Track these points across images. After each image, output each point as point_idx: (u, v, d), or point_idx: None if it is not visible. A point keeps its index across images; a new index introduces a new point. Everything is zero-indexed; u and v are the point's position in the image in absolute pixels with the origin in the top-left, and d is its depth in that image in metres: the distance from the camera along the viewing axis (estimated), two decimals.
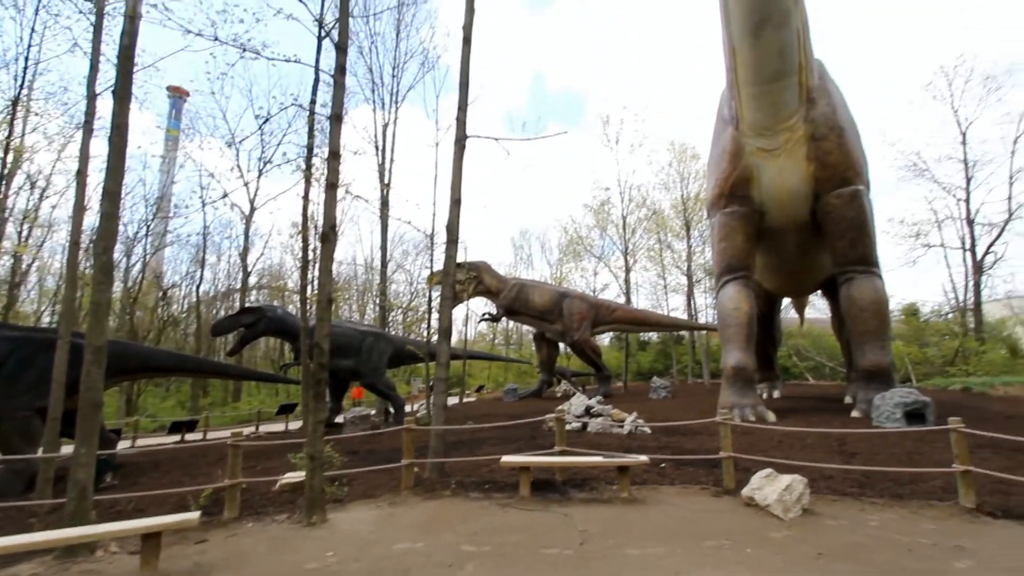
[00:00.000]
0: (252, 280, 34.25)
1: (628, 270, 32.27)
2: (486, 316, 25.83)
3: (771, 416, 10.72)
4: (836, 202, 11.49)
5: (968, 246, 26.40)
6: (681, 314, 34.55)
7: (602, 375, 22.39)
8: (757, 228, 12.51)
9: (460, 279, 19.31)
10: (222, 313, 36.29)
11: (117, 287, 26.25)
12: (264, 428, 17.93)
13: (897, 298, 32.14)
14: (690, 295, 32.90)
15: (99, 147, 32.09)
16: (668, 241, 34.27)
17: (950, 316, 29.43)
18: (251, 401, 29.56)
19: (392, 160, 22.06)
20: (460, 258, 20.04)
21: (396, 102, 23.02)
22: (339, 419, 15.27)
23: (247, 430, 16.75)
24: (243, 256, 30.75)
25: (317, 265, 7.32)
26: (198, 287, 33.23)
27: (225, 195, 23.24)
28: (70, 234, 7.53)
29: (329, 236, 5.87)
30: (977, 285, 26.11)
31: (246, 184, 27.28)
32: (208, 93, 23.88)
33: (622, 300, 31.06)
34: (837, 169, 11.46)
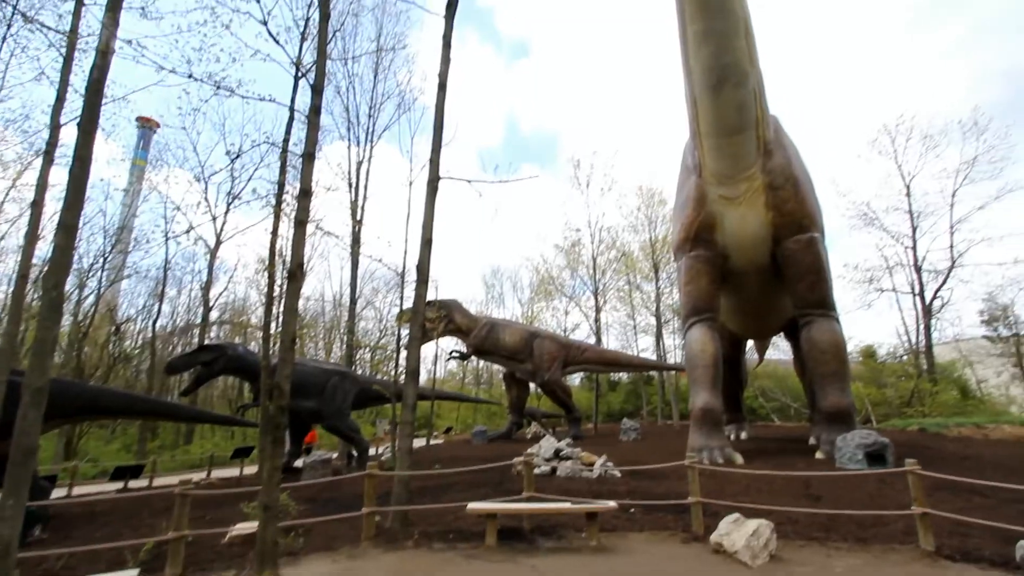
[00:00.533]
0: (213, 315, 33.05)
1: (599, 310, 32.68)
2: (455, 353, 25.50)
3: (739, 458, 10.78)
4: (794, 248, 12.06)
5: (917, 291, 27.94)
6: (650, 354, 34.98)
7: (572, 416, 22.20)
8: (721, 271, 12.96)
9: (430, 317, 19.12)
10: (179, 350, 34.69)
11: (66, 321, 24.88)
12: (217, 474, 16.88)
13: (855, 340, 33.46)
14: (659, 336, 33.43)
15: (58, 176, 31.07)
16: (637, 282, 35.07)
17: (904, 358, 30.72)
18: (204, 444, 27.93)
19: (365, 197, 22.13)
20: (431, 296, 19.87)
21: (371, 140, 23.32)
22: (298, 463, 14.55)
23: (198, 476, 15.73)
24: (205, 290, 29.77)
25: (283, 302, 7.14)
26: (155, 322, 31.77)
27: (190, 229, 22.68)
28: (19, 266, 7.17)
29: (296, 274, 5.76)
30: (928, 328, 27.48)
31: (213, 219, 26.75)
32: (179, 128, 23.51)
33: (593, 340, 31.27)
34: (794, 217, 12.09)
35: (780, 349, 31.03)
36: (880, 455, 9.68)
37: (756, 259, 12.76)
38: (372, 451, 19.54)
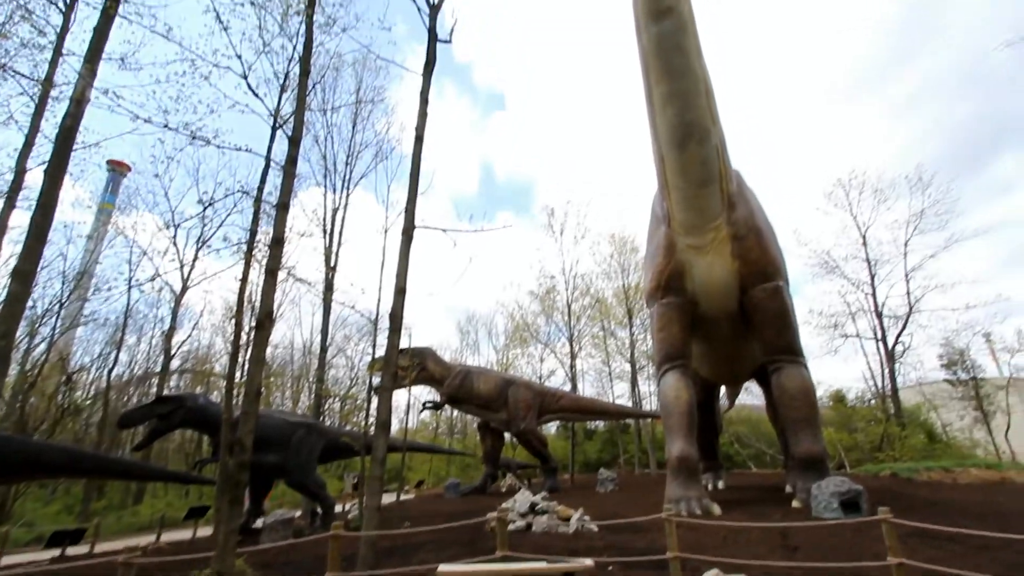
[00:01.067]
0: (175, 363, 31.64)
1: (574, 356, 32.65)
2: (428, 404, 24.87)
3: (716, 509, 10.62)
4: (760, 296, 12.46)
5: (879, 336, 28.93)
6: (626, 401, 34.84)
7: (548, 467, 21.64)
8: (692, 318, 13.23)
9: (403, 365, 18.75)
10: (135, 401, 32.86)
11: (13, 370, 23.40)
12: (168, 537, 15.63)
13: (824, 385, 34.14)
14: (634, 382, 33.44)
15: (20, 218, 30.05)
16: (612, 329, 35.36)
17: (872, 402, 31.41)
18: (155, 504, 25.99)
19: (340, 243, 22.07)
20: (404, 343, 19.54)
21: (348, 188, 23.53)
22: (258, 523, 13.64)
23: (146, 540, 14.54)
24: (167, 337, 28.61)
25: (249, 351, 6.91)
26: (110, 371, 30.16)
27: (155, 276, 22.04)
28: None
29: (264, 324, 5.63)
30: (892, 373, 28.30)
31: (181, 266, 26.13)
32: (152, 175, 23.28)
33: (568, 387, 31.03)
34: (758, 266, 12.57)
35: (753, 394, 31.41)
36: (854, 503, 9.69)
37: (725, 306, 13.10)
38: (338, 508, 18.50)
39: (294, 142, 6.13)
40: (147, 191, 40.59)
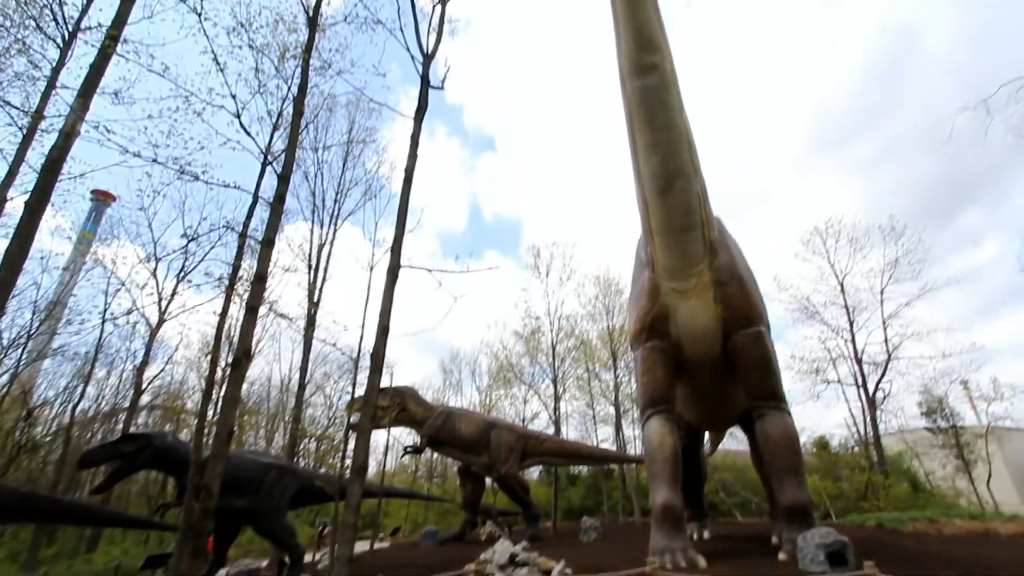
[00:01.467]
0: (145, 399, 30.43)
1: (558, 399, 32.26)
2: (408, 449, 24.10)
3: (701, 561, 10.30)
4: (743, 341, 12.57)
5: (860, 383, 29.21)
6: (610, 444, 34.24)
7: (530, 514, 20.94)
8: (676, 362, 13.24)
9: (383, 405, 18.31)
10: (99, 438, 31.36)
11: None
12: None
13: (808, 431, 34.08)
14: (618, 426, 33.02)
15: None
16: (596, 371, 35.17)
17: (855, 449, 31.34)
18: (111, 551, 24.38)
19: (324, 279, 21.95)
20: (385, 382, 19.22)
21: (335, 224, 23.64)
22: (221, 573, 12.82)
23: None
24: (139, 371, 27.63)
25: (223, 389, 6.69)
26: (75, 406, 28.84)
27: (132, 310, 21.52)
28: None
29: (241, 362, 5.48)
30: (874, 420, 28.42)
31: (160, 299, 25.60)
32: (137, 209, 23.10)
33: (552, 430, 30.49)
34: (741, 311, 12.74)
35: (737, 439, 31.16)
36: (841, 555, 9.49)
37: (708, 350, 13.17)
38: (308, 557, 17.54)
39: (283, 179, 6.18)
40: (131, 222, 40.19)
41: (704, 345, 13.33)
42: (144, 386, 28.25)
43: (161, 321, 27.09)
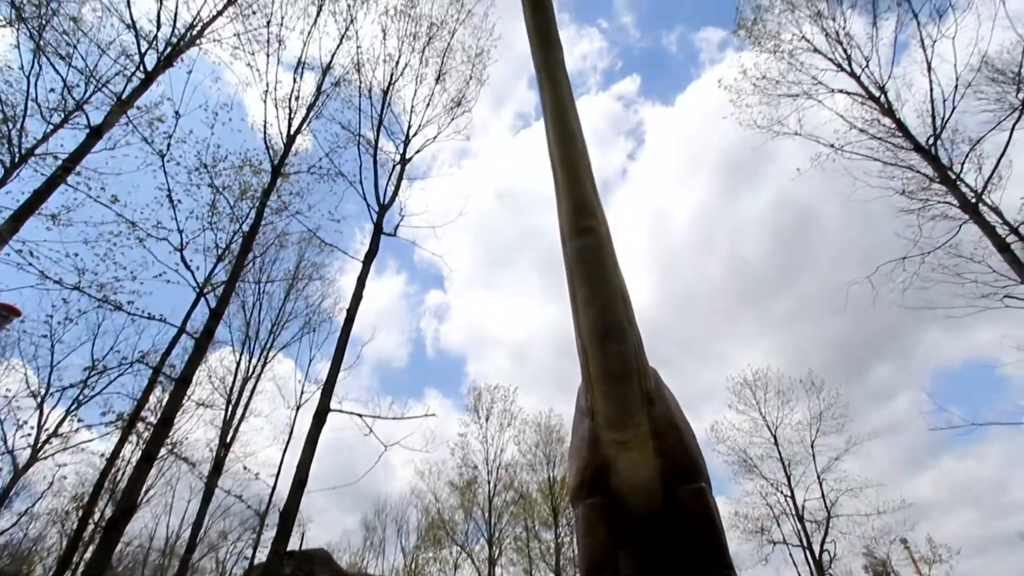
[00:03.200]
0: None
1: (493, 563, 28.87)
2: None
3: None
4: (684, 498, 12.22)
5: (805, 544, 28.31)
6: None
7: None
8: (620, 521, 12.54)
9: (288, 574, 15.59)
10: None
11: None
12: None
13: None
14: None
15: None
16: (536, 529, 32.35)
17: None
18: None
19: (243, 418, 19.99)
20: (294, 543, 16.63)
21: (266, 358, 22.34)
22: None
23: None
24: None
25: (91, 551, 5.49)
26: None
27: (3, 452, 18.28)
28: None
29: (119, 522, 4.61)
30: None
31: (38, 436, 22.07)
32: (40, 336, 20.94)
33: None
34: (681, 465, 12.57)
35: None
36: None
37: (650, 505, 12.67)
38: None
39: (216, 315, 5.93)
40: (30, 343, 36.16)
41: (646, 500, 12.84)
42: None
43: (32, 460, 22.97)
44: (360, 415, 7.80)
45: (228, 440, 18.77)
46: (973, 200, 12.09)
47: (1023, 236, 11.74)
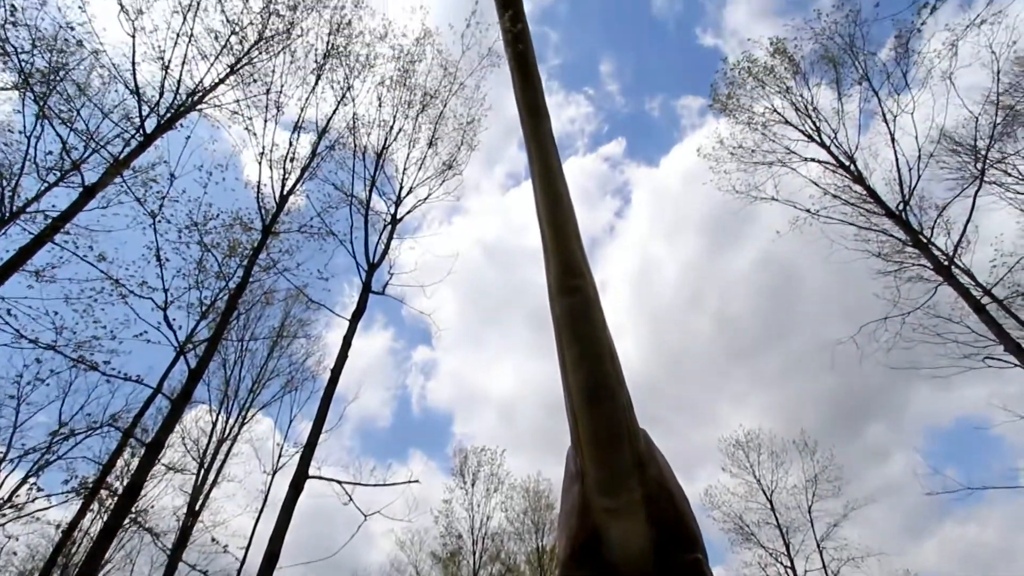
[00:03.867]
0: None
1: None
2: None
3: None
4: (679, 571, 11.64)
5: None
6: None
7: None
8: None
9: None
10: None
11: None
12: None
13: None
14: None
15: None
16: None
17: None
18: None
19: (215, 483, 18.92)
20: None
21: (244, 418, 21.48)
22: None
23: None
24: None
25: None
26: None
27: None
28: None
29: None
30: None
31: None
32: (8, 396, 19.99)
33: None
34: (676, 534, 11.98)
35: None
36: None
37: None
38: None
39: (194, 376, 5.76)
40: None
41: (640, 572, 12.20)
42: None
43: None
44: (340, 482, 7.43)
45: (197, 508, 17.66)
46: (946, 263, 12.53)
47: (997, 298, 12.08)
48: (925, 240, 13.01)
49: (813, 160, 15.38)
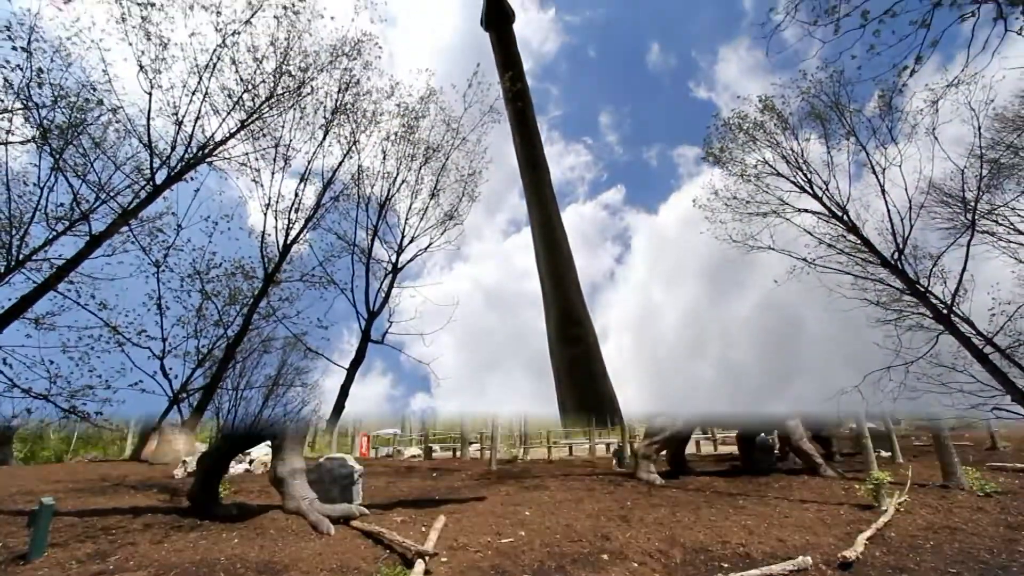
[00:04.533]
0: None
1: None
2: None
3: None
4: None
5: None
6: None
7: None
8: None
9: None
10: None
11: None
12: None
13: None
14: None
15: None
16: None
17: None
18: None
19: None
20: None
21: None
22: None
23: None
24: None
25: None
26: None
27: None
28: None
29: None
30: None
31: None
32: None
33: None
34: None
35: None
36: None
37: None
38: None
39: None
40: None
41: None
42: None
43: None
44: None
45: None
46: (945, 311, 12.51)
47: (999, 347, 11.97)
48: (923, 288, 13.05)
49: (806, 211, 15.67)
